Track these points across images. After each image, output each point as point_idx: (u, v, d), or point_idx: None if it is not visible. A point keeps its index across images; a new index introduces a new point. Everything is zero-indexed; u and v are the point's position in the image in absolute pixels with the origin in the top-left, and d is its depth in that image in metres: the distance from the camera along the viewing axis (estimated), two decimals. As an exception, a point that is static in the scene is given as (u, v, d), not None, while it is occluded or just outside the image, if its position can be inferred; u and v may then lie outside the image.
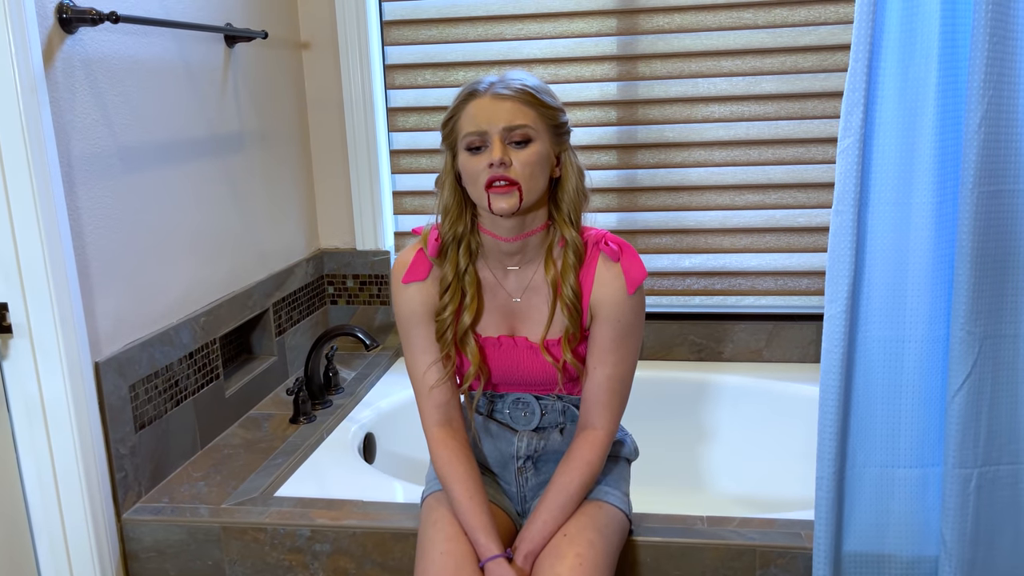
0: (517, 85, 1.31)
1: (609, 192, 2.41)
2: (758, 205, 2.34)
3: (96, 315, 1.60)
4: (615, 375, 1.39)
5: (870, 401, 1.37)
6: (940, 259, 1.32)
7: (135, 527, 1.64)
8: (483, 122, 1.29)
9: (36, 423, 1.52)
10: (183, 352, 1.84)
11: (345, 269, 2.56)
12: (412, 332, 1.43)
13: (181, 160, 1.87)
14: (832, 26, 2.22)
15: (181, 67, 1.86)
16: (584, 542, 1.33)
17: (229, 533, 1.61)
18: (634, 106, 2.35)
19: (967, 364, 1.30)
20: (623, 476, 1.51)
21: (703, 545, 1.49)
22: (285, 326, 2.31)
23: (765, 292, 2.39)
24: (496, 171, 1.28)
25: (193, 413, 1.88)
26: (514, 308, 1.42)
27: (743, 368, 2.37)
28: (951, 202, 1.30)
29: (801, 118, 2.28)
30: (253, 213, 2.18)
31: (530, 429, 1.48)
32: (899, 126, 1.28)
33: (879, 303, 1.34)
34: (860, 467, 1.39)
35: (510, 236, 1.36)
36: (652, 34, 2.30)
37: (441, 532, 1.36)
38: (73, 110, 1.54)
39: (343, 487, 1.74)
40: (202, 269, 1.95)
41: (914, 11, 1.25)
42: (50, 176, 1.45)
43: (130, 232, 1.70)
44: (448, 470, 1.39)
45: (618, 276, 1.36)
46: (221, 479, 1.78)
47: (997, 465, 1.34)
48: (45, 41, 1.46)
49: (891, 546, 1.40)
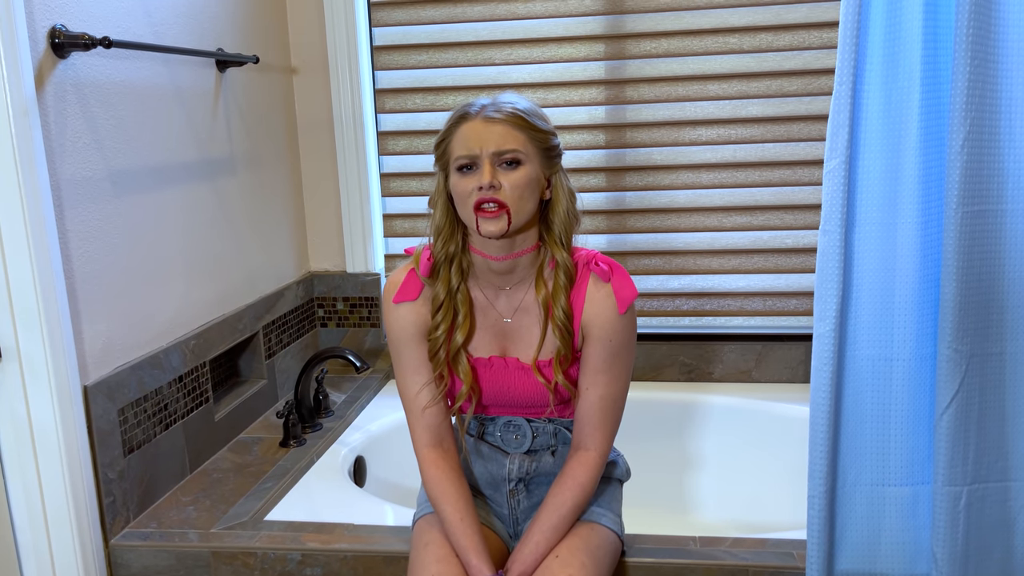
0: (508, 109, 1.32)
1: (598, 214, 2.43)
2: (745, 227, 2.37)
3: (85, 338, 1.59)
4: (607, 395, 1.39)
5: (860, 420, 1.37)
6: (926, 278, 1.33)
7: (123, 552, 1.62)
8: (474, 145, 1.30)
9: (24, 446, 1.51)
10: (172, 375, 1.83)
11: (335, 292, 2.56)
12: (403, 352, 1.43)
13: (172, 183, 1.87)
14: (816, 51, 2.26)
15: (172, 91, 1.87)
16: (576, 564, 1.33)
17: (219, 558, 1.60)
18: (622, 129, 2.38)
19: (955, 382, 1.31)
20: (615, 497, 1.51)
21: (695, 566, 1.49)
22: (275, 349, 2.31)
23: (754, 313, 2.40)
24: (485, 194, 1.29)
25: (182, 437, 1.87)
26: (505, 329, 1.43)
27: (733, 389, 2.37)
28: (936, 222, 1.31)
29: (787, 140, 2.31)
30: (243, 236, 2.18)
31: (522, 451, 1.48)
32: (884, 147, 1.30)
33: (867, 322, 1.35)
34: (851, 486, 1.39)
35: (500, 256, 1.36)
36: (639, 59, 2.33)
37: (432, 554, 1.35)
38: (64, 134, 1.54)
39: (334, 510, 1.73)
40: (192, 292, 1.95)
41: (897, 34, 1.27)
42: (40, 199, 1.45)
43: (120, 255, 1.69)
44: (439, 491, 1.38)
45: (609, 296, 1.37)
46: (211, 503, 1.76)
47: (986, 483, 1.35)
48: (37, 65, 1.47)
49: (883, 565, 1.40)
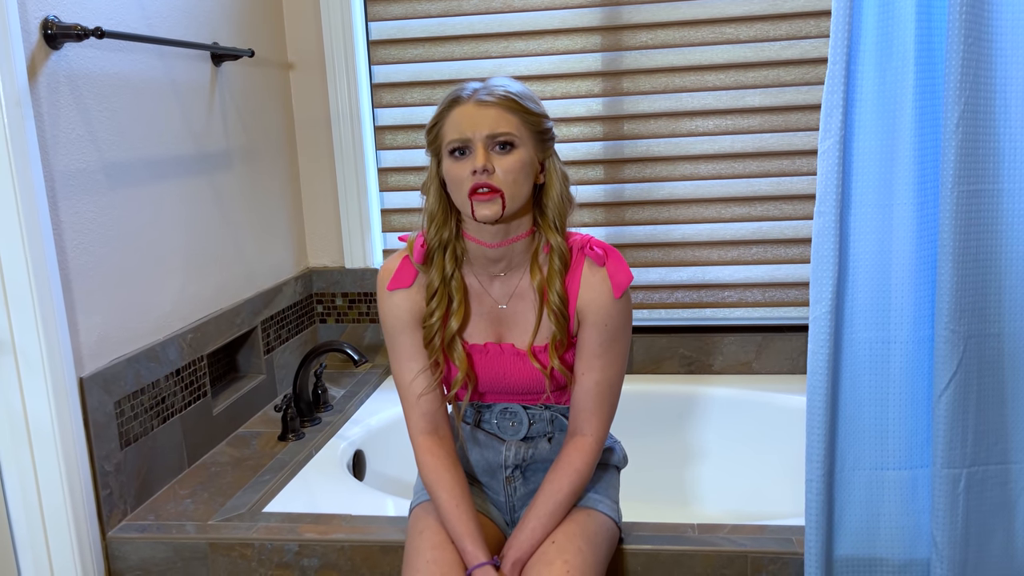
0: (500, 91, 1.31)
1: (596, 207, 2.42)
2: (744, 217, 2.36)
3: (80, 330, 1.59)
4: (603, 380, 1.38)
5: (858, 403, 1.36)
6: (923, 259, 1.33)
7: (120, 545, 1.62)
8: (467, 129, 1.29)
9: (20, 439, 1.50)
10: (170, 369, 1.82)
11: (334, 287, 2.55)
12: (398, 340, 1.42)
13: (167, 177, 1.87)
14: (814, 40, 2.25)
15: (167, 84, 1.87)
16: (573, 549, 1.32)
17: (216, 550, 1.59)
18: (620, 121, 2.37)
19: (952, 364, 1.30)
20: (612, 484, 1.50)
21: (694, 552, 1.48)
22: (274, 344, 2.30)
23: (754, 304, 2.39)
24: (479, 178, 1.28)
25: (180, 431, 1.86)
26: (500, 315, 1.42)
27: (733, 381, 2.36)
28: (932, 202, 1.31)
29: (785, 131, 2.30)
30: (241, 231, 2.18)
31: (518, 439, 1.47)
32: (878, 128, 1.29)
33: (864, 305, 1.34)
34: (850, 470, 1.38)
35: (494, 242, 1.36)
36: (636, 50, 2.32)
37: (427, 540, 1.35)
38: (58, 125, 1.54)
39: (332, 503, 1.73)
40: (189, 286, 1.94)
41: (890, 14, 1.27)
42: (34, 191, 1.45)
43: (115, 248, 1.69)
44: (434, 477, 1.38)
45: (604, 280, 1.36)
46: (208, 496, 1.76)
47: (986, 465, 1.34)
48: (30, 56, 1.47)
49: (882, 549, 1.39)
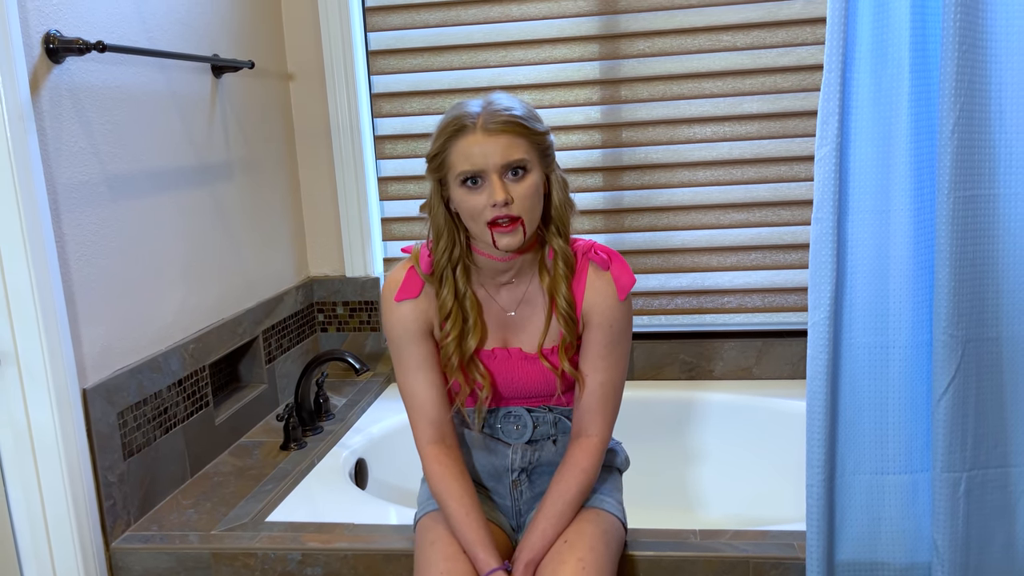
0: (506, 116, 1.29)
1: (596, 214, 2.43)
2: (743, 223, 2.37)
3: (83, 342, 1.60)
4: (607, 381, 1.40)
5: (858, 407, 1.37)
6: (921, 264, 1.33)
7: (124, 556, 1.62)
8: (479, 161, 1.28)
9: (23, 450, 1.51)
10: (172, 379, 1.83)
11: (335, 296, 2.56)
12: (405, 350, 1.42)
13: (169, 188, 1.88)
14: (811, 46, 2.26)
15: (168, 96, 1.88)
16: (585, 547, 1.33)
17: (219, 559, 1.60)
18: (618, 129, 2.38)
19: (951, 368, 1.31)
20: (616, 486, 1.52)
21: (696, 558, 1.49)
22: (275, 354, 2.31)
23: (753, 309, 2.40)
24: (499, 211, 1.28)
25: (183, 441, 1.87)
26: (507, 321, 1.43)
27: (734, 386, 2.37)
28: (928, 207, 1.31)
29: (783, 137, 2.31)
30: (241, 241, 2.19)
31: (523, 442, 1.48)
32: (874, 134, 1.30)
33: (862, 310, 1.35)
34: (850, 474, 1.39)
35: (506, 257, 1.37)
36: (634, 58, 2.34)
37: (440, 552, 1.35)
38: (60, 138, 1.55)
39: (334, 511, 1.73)
40: (190, 297, 1.95)
41: (885, 21, 1.28)
42: (37, 204, 1.46)
43: (118, 259, 1.70)
44: (443, 487, 1.38)
45: (609, 283, 1.38)
46: (211, 506, 1.76)
47: (985, 468, 1.35)
48: (32, 70, 1.48)
49: (884, 553, 1.39)
